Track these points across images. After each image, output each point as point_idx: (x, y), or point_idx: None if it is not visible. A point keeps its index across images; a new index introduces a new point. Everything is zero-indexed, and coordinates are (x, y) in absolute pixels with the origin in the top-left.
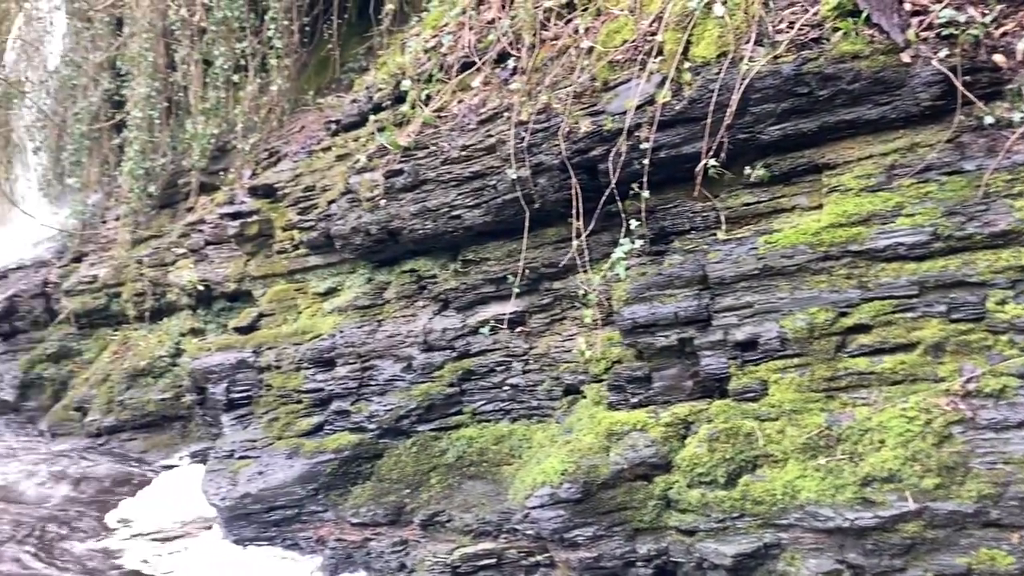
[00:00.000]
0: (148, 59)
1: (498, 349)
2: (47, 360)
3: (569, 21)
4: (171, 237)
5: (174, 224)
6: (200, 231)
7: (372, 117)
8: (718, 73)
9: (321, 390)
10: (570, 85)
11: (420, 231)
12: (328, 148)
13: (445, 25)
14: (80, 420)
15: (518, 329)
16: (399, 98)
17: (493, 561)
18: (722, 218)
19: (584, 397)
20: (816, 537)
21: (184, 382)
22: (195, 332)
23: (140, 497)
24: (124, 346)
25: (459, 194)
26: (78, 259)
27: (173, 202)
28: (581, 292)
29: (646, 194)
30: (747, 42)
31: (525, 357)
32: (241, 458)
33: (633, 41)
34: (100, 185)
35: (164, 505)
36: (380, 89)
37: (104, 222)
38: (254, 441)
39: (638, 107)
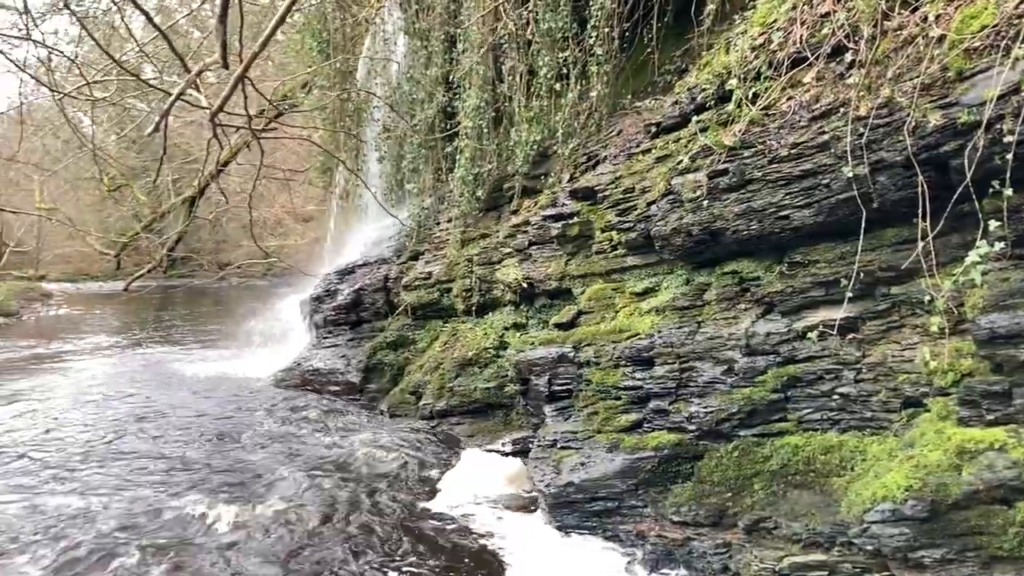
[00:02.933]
0: (479, 72)
1: (827, 356)
2: (387, 347)
3: (916, 9)
4: (497, 238)
5: (500, 225)
6: (524, 232)
7: (694, 118)
8: None
9: (639, 388)
10: (917, 77)
11: (744, 232)
12: (647, 150)
13: (774, 21)
14: (415, 403)
15: (850, 336)
16: (723, 97)
17: (825, 573)
18: None
19: (927, 411)
20: None
21: (508, 373)
22: (517, 327)
23: (465, 476)
24: (454, 337)
25: (787, 193)
26: (415, 257)
27: (498, 205)
28: (925, 298)
29: (1009, 192)
30: None
31: (857, 365)
32: (563, 448)
33: (995, 26)
34: (434, 190)
35: (487, 486)
36: (703, 89)
37: (437, 223)
38: (575, 433)
39: (1000, 97)
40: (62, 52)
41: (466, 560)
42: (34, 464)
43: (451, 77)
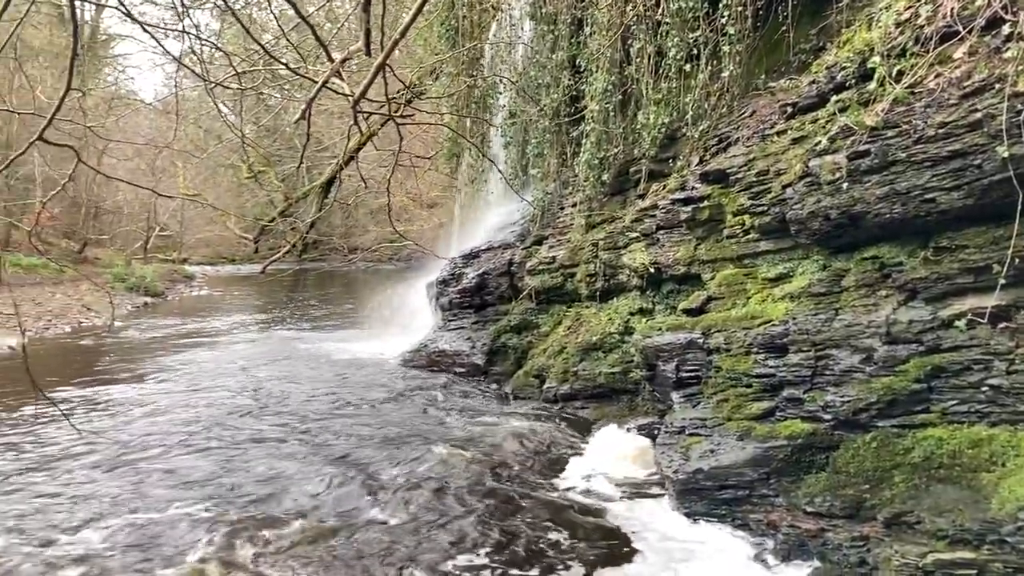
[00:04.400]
0: (606, 55)
1: (975, 346)
2: (511, 331)
3: None
4: (623, 222)
5: (626, 210)
6: (652, 216)
7: (833, 97)
8: None
9: (772, 376)
10: None
11: (886, 215)
12: (782, 132)
13: None
14: (538, 386)
15: (1001, 325)
16: (864, 76)
17: (973, 572)
18: None
19: None
20: None
21: (633, 358)
22: (643, 312)
23: (590, 459)
24: (577, 322)
25: (934, 175)
26: (538, 242)
27: (624, 189)
28: None
29: None
30: None
31: (1010, 356)
32: (691, 435)
33: None
34: (558, 175)
35: (612, 470)
36: (843, 68)
37: (562, 208)
38: (704, 420)
39: None
40: (213, 43)
41: (593, 538)
42: (183, 435)
43: (577, 61)
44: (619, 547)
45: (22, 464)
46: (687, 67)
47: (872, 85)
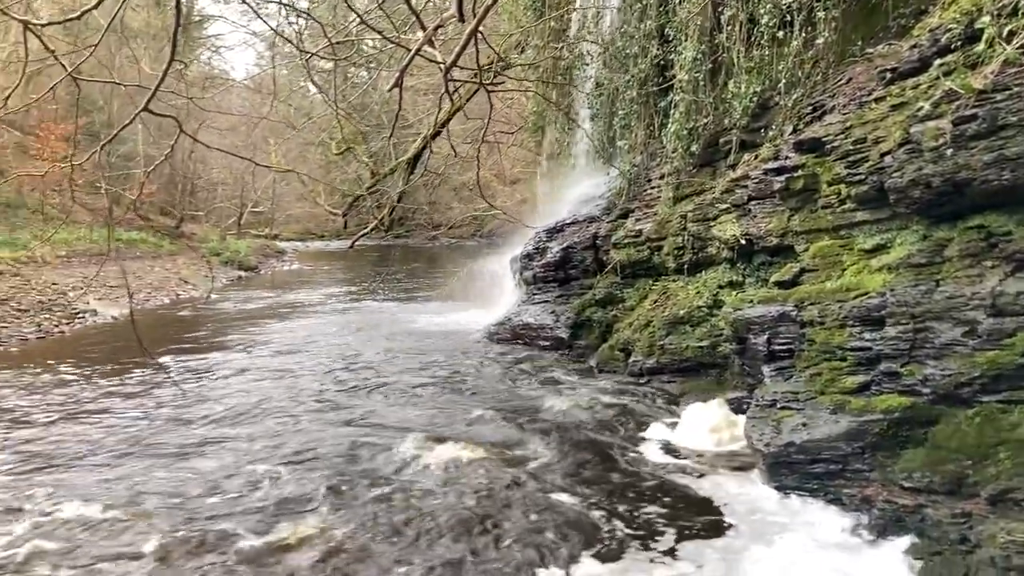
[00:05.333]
0: (696, 23)
1: None
2: (595, 305)
3: None
4: (713, 193)
5: (715, 181)
6: (743, 187)
7: (936, 61)
8: None
9: (868, 349)
10: None
11: (994, 182)
12: (881, 98)
13: None
14: (623, 360)
15: None
16: (971, 38)
17: None
18: None
19: None
20: None
21: (722, 332)
22: (733, 285)
23: (677, 432)
24: (664, 295)
25: None
26: (624, 215)
27: (713, 160)
28: None
29: None
30: None
31: None
32: (783, 408)
33: None
34: (645, 146)
35: (700, 443)
36: (948, 30)
37: (648, 181)
38: (796, 393)
39: None
40: (309, 15)
41: (682, 510)
42: (280, 399)
43: (666, 30)
44: (709, 519)
45: (135, 424)
46: (780, 34)
47: (980, 47)
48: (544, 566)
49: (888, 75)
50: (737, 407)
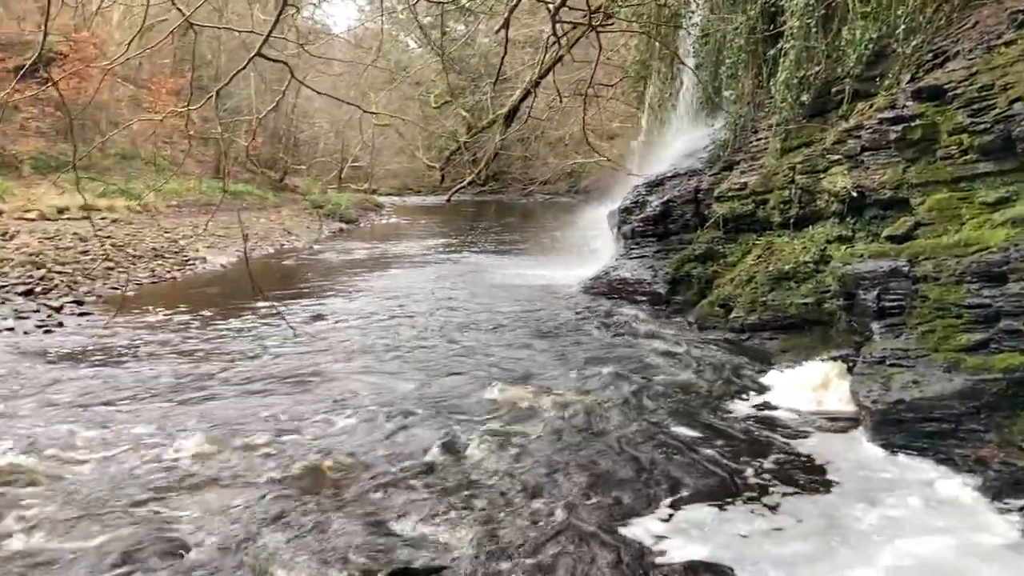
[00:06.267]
0: None
1: None
2: (695, 260)
3: None
4: (824, 144)
5: (825, 132)
6: (857, 137)
7: None
8: None
9: (987, 306)
10: None
11: None
12: (1011, 42)
13: None
14: (723, 316)
15: None
16: None
17: None
18: None
19: None
20: None
21: (828, 288)
22: (842, 239)
23: (778, 389)
24: (768, 251)
25: None
26: (728, 168)
27: (825, 110)
28: None
29: None
30: None
31: None
32: (892, 366)
33: None
34: (752, 96)
35: (802, 400)
36: None
37: (755, 132)
38: (906, 351)
39: None
40: None
41: (785, 467)
42: (379, 349)
43: None
44: (810, 475)
45: (247, 361)
46: None
47: None
48: (648, 508)
49: (1020, 17)
50: (842, 365)
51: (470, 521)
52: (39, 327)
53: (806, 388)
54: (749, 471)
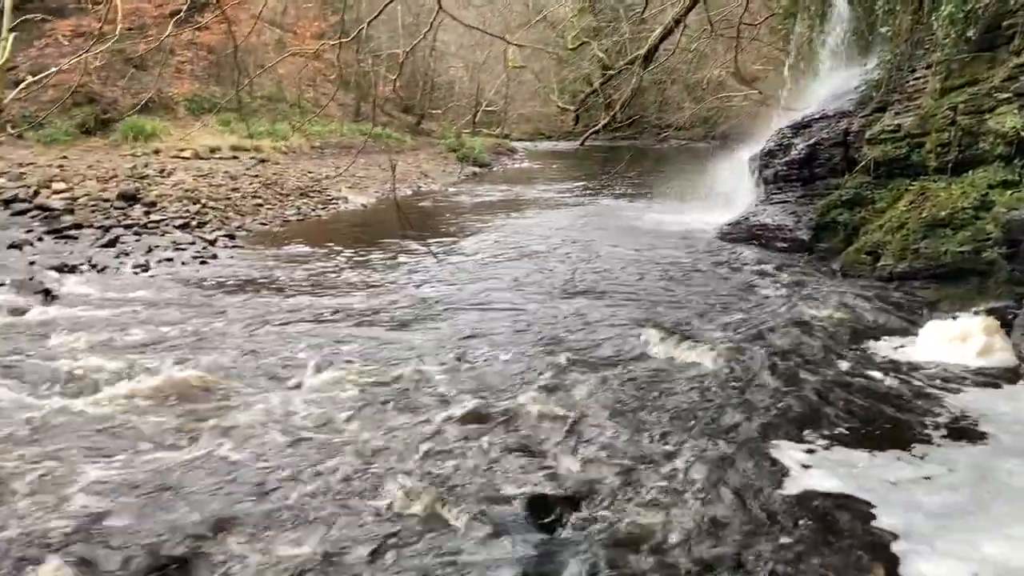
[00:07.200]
0: None
1: None
2: (841, 206)
3: None
4: (991, 83)
5: (993, 70)
6: None
7: None
8: None
9: None
10: None
11: None
12: None
13: None
14: (870, 264)
15: None
16: None
17: None
18: None
19: None
20: None
21: (989, 235)
22: (1007, 184)
23: (929, 341)
24: (922, 196)
25: None
26: (881, 109)
27: (994, 46)
28: None
29: None
30: None
31: None
32: None
33: None
34: (910, 33)
35: (955, 353)
36: None
37: (912, 71)
38: None
39: None
40: None
41: (933, 415)
42: (517, 288)
43: None
44: (965, 428)
45: (391, 293)
46: None
47: None
48: (796, 445)
49: None
50: (1001, 317)
51: (609, 455)
52: (195, 258)
53: (959, 339)
54: (898, 419)
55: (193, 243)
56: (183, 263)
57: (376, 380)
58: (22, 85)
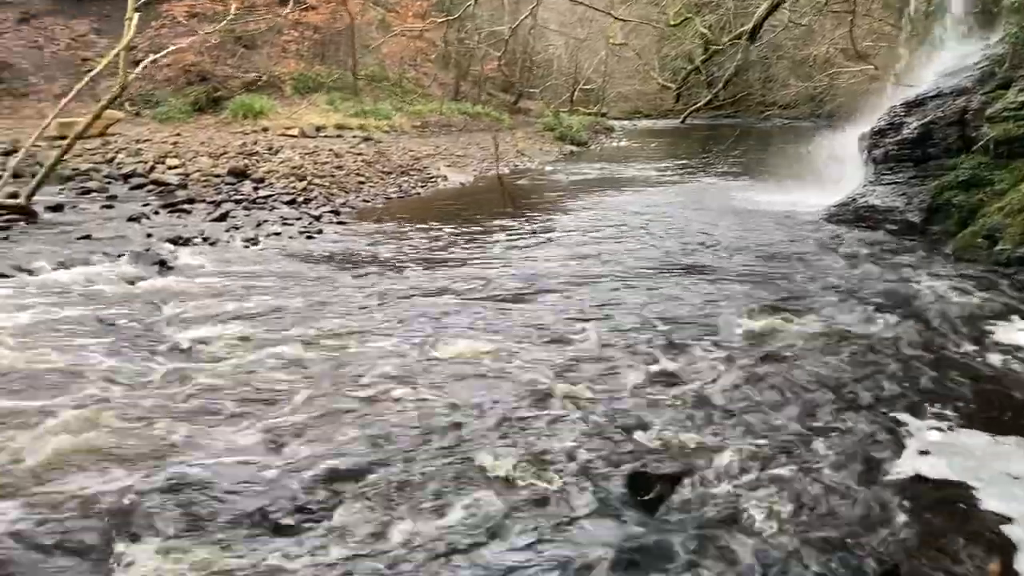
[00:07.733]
0: None
1: None
2: (957, 187)
3: None
4: None
5: None
6: None
7: None
8: None
9: None
10: None
11: None
12: None
13: None
14: (987, 248)
15: None
16: None
17: None
18: None
19: None
20: None
21: None
22: None
23: None
24: None
25: None
26: (1004, 86)
27: None
28: None
29: None
30: None
31: None
32: None
33: None
34: None
35: None
36: None
37: None
38: None
39: None
40: None
41: None
42: (618, 264)
43: None
44: None
45: (494, 269)
46: None
47: None
48: (905, 427)
49: None
50: None
51: (713, 434)
52: (302, 233)
53: None
54: (1021, 407)
55: (300, 218)
56: (290, 237)
57: (495, 352)
58: (142, 64)
